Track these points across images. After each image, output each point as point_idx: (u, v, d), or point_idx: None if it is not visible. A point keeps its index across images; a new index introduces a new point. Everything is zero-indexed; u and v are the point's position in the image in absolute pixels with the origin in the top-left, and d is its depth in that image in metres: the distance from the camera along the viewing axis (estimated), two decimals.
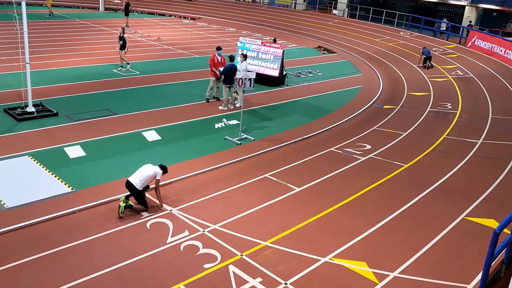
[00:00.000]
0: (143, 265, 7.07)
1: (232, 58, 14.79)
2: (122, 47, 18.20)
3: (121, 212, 8.22)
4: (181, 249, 7.52)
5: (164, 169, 8.72)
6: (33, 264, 6.92)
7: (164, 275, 6.87)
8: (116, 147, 11.43)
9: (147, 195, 9.04)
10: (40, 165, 10.05)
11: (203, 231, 8.04)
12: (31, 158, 10.31)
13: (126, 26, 29.11)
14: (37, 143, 11.09)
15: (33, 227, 7.85)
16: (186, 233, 7.94)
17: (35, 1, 34.80)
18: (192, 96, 15.94)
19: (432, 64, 23.40)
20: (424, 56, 23.25)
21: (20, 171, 9.79)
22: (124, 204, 8.26)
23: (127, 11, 29.59)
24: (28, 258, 7.03)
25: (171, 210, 8.67)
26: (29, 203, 8.49)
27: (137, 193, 8.48)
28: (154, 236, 7.81)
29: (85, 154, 10.80)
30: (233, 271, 7.02)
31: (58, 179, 9.51)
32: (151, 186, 8.89)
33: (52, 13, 30.99)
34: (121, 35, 18.22)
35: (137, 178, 8.47)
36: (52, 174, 9.70)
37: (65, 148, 10.94)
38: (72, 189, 9.16)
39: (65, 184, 9.32)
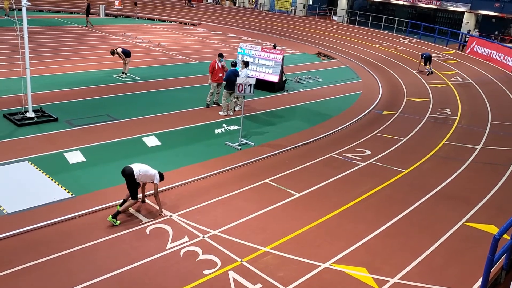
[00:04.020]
0: (143, 270, 7.06)
1: (234, 64, 14.83)
2: (127, 55, 18.22)
3: (115, 223, 8.19)
4: (181, 255, 7.51)
5: (161, 175, 8.74)
6: (33, 270, 6.91)
7: (164, 280, 6.86)
8: (116, 152, 11.43)
9: (147, 201, 9.05)
10: (39, 170, 10.05)
11: (203, 236, 8.03)
12: (31, 164, 10.31)
13: (90, 25, 30.21)
14: (37, 149, 11.09)
15: (32, 232, 7.84)
16: (186, 238, 7.93)
17: (36, 7, 34.93)
18: (192, 101, 15.96)
19: (432, 70, 23.47)
20: (425, 55, 23.20)
21: (19, 176, 9.79)
22: (111, 217, 8.21)
23: (88, 12, 30.35)
24: (28, 264, 7.02)
25: (171, 215, 8.67)
26: (29, 209, 8.48)
27: (132, 182, 8.38)
28: (154, 242, 7.80)
29: (85, 160, 10.80)
30: (233, 277, 7.01)
31: (58, 184, 9.51)
32: (147, 193, 8.89)
33: (8, 15, 30.91)
34: (116, 51, 18.17)
35: (138, 167, 8.43)
36: (51, 179, 9.69)
37: (65, 154, 10.94)
38: (72, 194, 9.15)
39: (64, 189, 9.32)
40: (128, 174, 8.36)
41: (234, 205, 9.22)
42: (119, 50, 18.18)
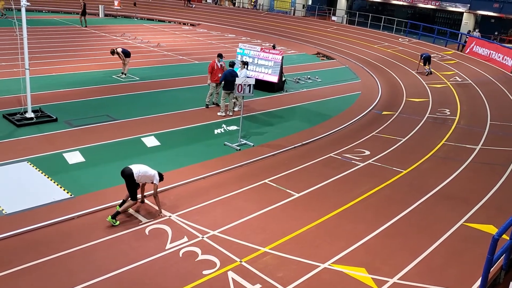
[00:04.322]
0: (142, 271, 7.06)
1: (232, 64, 14.84)
2: (126, 55, 18.24)
3: (114, 223, 8.20)
4: (180, 255, 7.51)
5: (160, 176, 8.74)
6: (33, 270, 6.92)
7: (163, 281, 6.86)
8: (116, 153, 11.43)
9: (146, 201, 9.06)
10: (39, 171, 10.05)
11: (202, 237, 8.03)
12: (30, 164, 10.31)
13: (85, 25, 30.36)
14: (36, 149, 11.09)
15: (32, 232, 7.84)
16: (185, 239, 7.94)
17: (36, 7, 34.93)
18: (192, 102, 15.96)
19: (431, 71, 23.49)
20: (424, 56, 23.24)
21: (19, 177, 9.79)
22: (111, 218, 8.22)
23: (84, 11, 30.51)
24: (28, 264, 7.03)
25: (170, 216, 8.67)
26: (28, 209, 8.49)
27: (131, 183, 8.38)
28: (153, 242, 7.80)
29: (84, 160, 10.80)
30: (232, 278, 7.02)
31: (57, 185, 9.51)
32: (147, 194, 8.88)
33: (5, 14, 30.87)
34: (116, 51, 18.20)
35: (137, 168, 8.44)
36: (51, 180, 9.70)
37: (64, 154, 10.94)
38: (71, 195, 9.16)
39: (64, 190, 9.32)
40: (127, 175, 8.37)
41: (234, 205, 9.23)
42: (119, 50, 18.20)
